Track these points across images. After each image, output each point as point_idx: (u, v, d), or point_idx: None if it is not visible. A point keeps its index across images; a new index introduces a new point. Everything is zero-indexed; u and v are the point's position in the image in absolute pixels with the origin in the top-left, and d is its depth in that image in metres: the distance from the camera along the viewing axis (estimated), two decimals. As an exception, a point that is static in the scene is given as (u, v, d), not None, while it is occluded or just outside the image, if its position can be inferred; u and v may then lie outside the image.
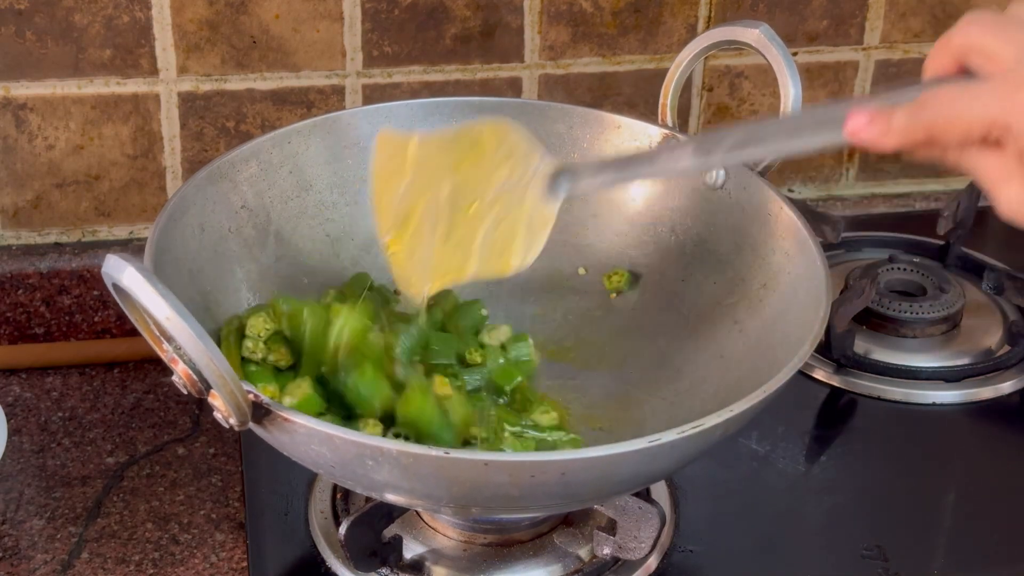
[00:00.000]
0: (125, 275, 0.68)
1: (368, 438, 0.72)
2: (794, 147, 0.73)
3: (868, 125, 0.67)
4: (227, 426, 0.73)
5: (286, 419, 0.72)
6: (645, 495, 0.85)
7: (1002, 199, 0.66)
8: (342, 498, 0.94)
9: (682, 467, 0.83)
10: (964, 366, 1.09)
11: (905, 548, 0.92)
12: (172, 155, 1.13)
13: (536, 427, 0.91)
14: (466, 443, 0.88)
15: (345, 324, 0.86)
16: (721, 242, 0.97)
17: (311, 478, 0.95)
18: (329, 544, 0.90)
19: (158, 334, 0.73)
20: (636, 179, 0.89)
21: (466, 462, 0.72)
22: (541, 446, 0.89)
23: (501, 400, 0.94)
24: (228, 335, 0.89)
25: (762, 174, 0.95)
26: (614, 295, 0.96)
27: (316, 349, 0.88)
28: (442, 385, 0.88)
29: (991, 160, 0.65)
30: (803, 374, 1.08)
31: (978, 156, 0.65)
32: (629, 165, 0.86)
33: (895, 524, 0.95)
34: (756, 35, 0.93)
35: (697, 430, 0.73)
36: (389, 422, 0.86)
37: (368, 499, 0.88)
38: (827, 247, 1.15)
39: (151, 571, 0.91)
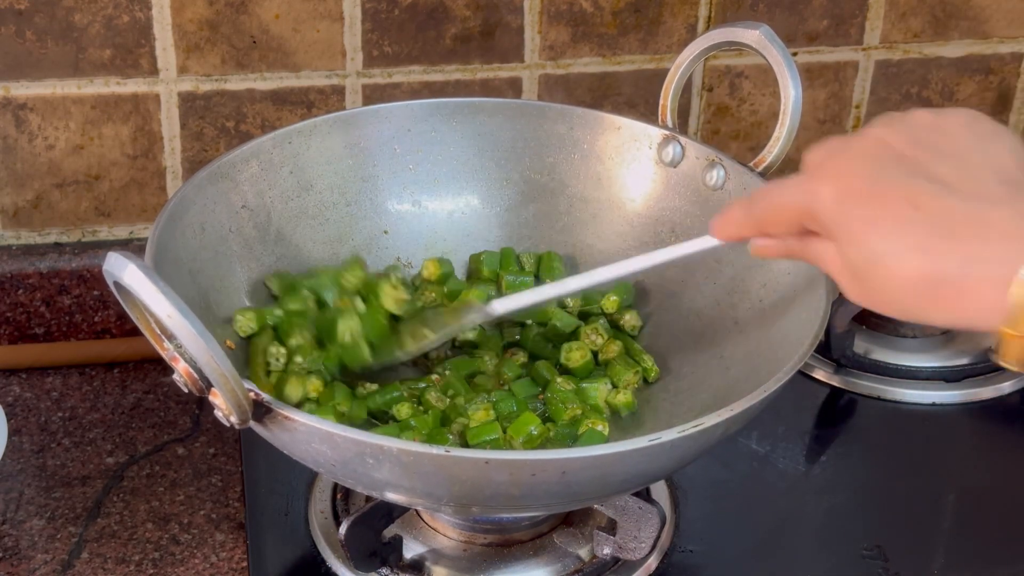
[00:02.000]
0: (126, 273, 0.68)
1: (369, 436, 0.72)
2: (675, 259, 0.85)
3: (720, 223, 0.77)
4: (228, 424, 0.73)
5: (287, 417, 0.72)
6: (645, 495, 0.85)
7: (842, 287, 0.69)
8: (342, 498, 0.94)
9: (682, 467, 0.83)
10: (964, 366, 1.09)
11: (905, 548, 0.92)
12: (172, 155, 1.13)
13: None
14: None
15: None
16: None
17: (311, 478, 0.95)
18: (329, 544, 0.90)
19: (159, 332, 0.73)
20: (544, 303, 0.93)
21: (467, 460, 0.72)
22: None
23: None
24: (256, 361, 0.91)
25: (763, 174, 0.95)
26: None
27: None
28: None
29: (826, 251, 0.69)
30: (803, 374, 1.08)
31: (816, 248, 0.70)
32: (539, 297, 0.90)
33: (895, 524, 0.95)
34: (756, 36, 0.93)
35: (697, 430, 0.73)
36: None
37: (368, 499, 0.88)
38: (827, 247, 1.15)
39: (151, 571, 0.91)
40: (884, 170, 0.66)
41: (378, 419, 0.91)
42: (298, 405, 0.88)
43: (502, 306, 0.90)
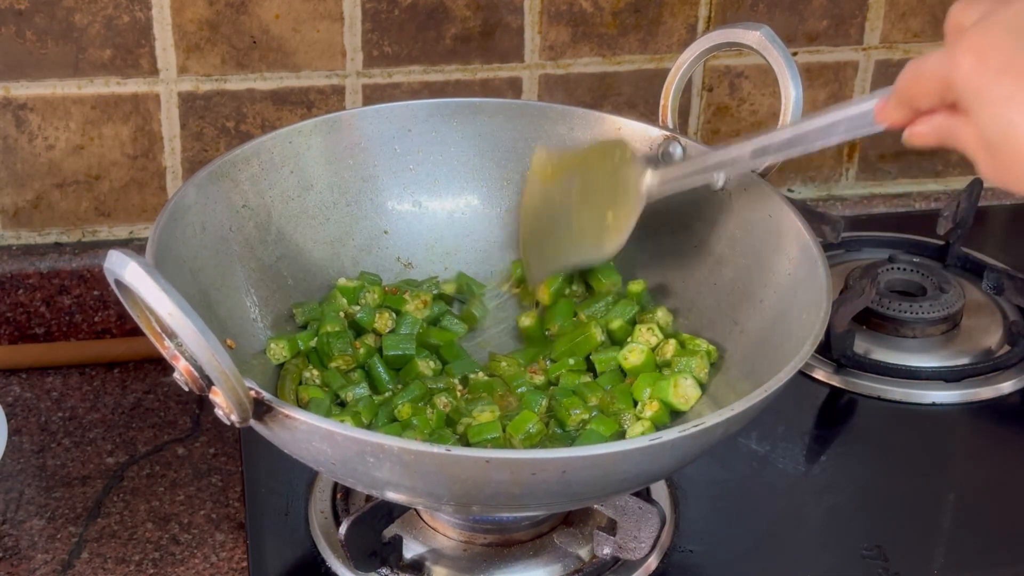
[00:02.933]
0: (128, 271, 0.68)
1: (369, 435, 0.72)
2: (830, 142, 0.82)
3: (884, 107, 0.75)
4: (228, 423, 0.73)
5: (287, 416, 0.72)
6: (645, 495, 0.85)
7: (978, 165, 0.69)
8: (342, 498, 0.94)
9: (683, 466, 0.83)
10: (964, 366, 1.09)
11: (905, 548, 0.92)
12: (172, 155, 1.13)
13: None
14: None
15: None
16: (721, 243, 0.97)
17: (311, 478, 0.95)
18: (329, 544, 0.90)
19: (160, 330, 0.73)
20: (705, 176, 0.93)
21: (467, 459, 0.72)
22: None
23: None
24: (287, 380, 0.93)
25: (763, 175, 0.95)
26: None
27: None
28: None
29: (964, 129, 0.68)
30: (803, 374, 1.08)
31: (959, 127, 0.69)
32: (700, 165, 0.93)
33: (895, 524, 0.95)
34: (757, 37, 0.93)
35: (697, 429, 0.73)
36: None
37: (368, 499, 0.88)
38: (827, 247, 1.15)
39: (151, 571, 0.91)
40: None
41: None
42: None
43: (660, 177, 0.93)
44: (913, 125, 0.73)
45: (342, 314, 0.96)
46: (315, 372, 0.93)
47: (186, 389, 0.73)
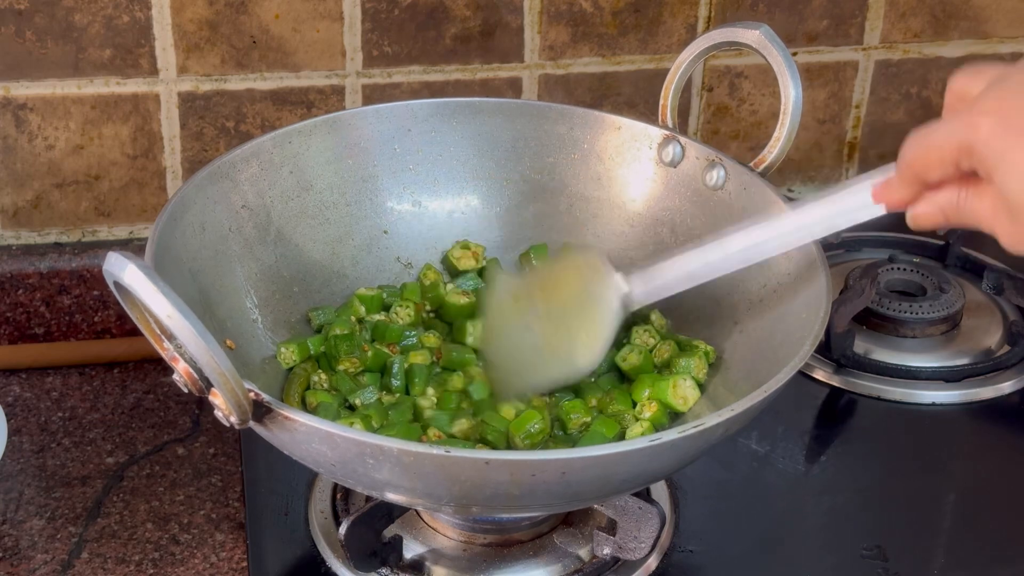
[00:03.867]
0: (127, 272, 0.68)
1: (369, 436, 0.72)
2: (835, 228, 0.82)
3: (886, 187, 0.75)
4: (228, 424, 0.73)
5: (287, 417, 0.72)
6: (645, 495, 0.85)
7: (1002, 235, 0.67)
8: (342, 498, 0.94)
9: (683, 466, 0.83)
10: (964, 366, 1.09)
11: (905, 548, 0.92)
12: (172, 155, 1.13)
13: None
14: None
15: None
16: (721, 243, 0.97)
17: (311, 478, 0.95)
18: (329, 544, 0.90)
19: (159, 332, 0.73)
20: (697, 281, 0.89)
21: (467, 460, 0.72)
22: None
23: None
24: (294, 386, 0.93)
25: (763, 175, 0.95)
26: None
27: None
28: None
29: (981, 200, 0.67)
30: (803, 374, 1.08)
31: (970, 200, 0.68)
32: (684, 269, 0.89)
33: (895, 524, 0.95)
34: (757, 36, 0.93)
35: (697, 430, 0.73)
36: None
37: (368, 499, 0.88)
38: (827, 247, 1.15)
39: (151, 571, 0.91)
40: None
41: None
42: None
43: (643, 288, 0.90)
44: (915, 205, 0.72)
45: (354, 318, 0.96)
46: (323, 376, 0.93)
47: (185, 391, 0.73)
